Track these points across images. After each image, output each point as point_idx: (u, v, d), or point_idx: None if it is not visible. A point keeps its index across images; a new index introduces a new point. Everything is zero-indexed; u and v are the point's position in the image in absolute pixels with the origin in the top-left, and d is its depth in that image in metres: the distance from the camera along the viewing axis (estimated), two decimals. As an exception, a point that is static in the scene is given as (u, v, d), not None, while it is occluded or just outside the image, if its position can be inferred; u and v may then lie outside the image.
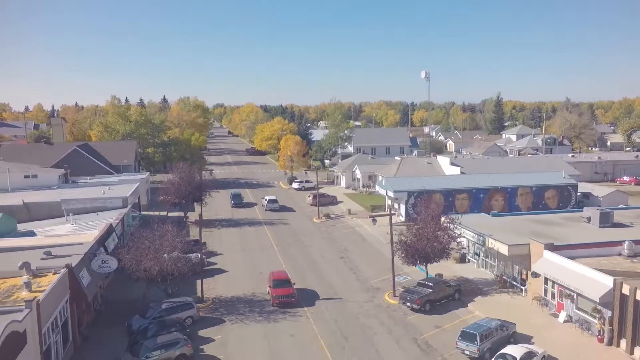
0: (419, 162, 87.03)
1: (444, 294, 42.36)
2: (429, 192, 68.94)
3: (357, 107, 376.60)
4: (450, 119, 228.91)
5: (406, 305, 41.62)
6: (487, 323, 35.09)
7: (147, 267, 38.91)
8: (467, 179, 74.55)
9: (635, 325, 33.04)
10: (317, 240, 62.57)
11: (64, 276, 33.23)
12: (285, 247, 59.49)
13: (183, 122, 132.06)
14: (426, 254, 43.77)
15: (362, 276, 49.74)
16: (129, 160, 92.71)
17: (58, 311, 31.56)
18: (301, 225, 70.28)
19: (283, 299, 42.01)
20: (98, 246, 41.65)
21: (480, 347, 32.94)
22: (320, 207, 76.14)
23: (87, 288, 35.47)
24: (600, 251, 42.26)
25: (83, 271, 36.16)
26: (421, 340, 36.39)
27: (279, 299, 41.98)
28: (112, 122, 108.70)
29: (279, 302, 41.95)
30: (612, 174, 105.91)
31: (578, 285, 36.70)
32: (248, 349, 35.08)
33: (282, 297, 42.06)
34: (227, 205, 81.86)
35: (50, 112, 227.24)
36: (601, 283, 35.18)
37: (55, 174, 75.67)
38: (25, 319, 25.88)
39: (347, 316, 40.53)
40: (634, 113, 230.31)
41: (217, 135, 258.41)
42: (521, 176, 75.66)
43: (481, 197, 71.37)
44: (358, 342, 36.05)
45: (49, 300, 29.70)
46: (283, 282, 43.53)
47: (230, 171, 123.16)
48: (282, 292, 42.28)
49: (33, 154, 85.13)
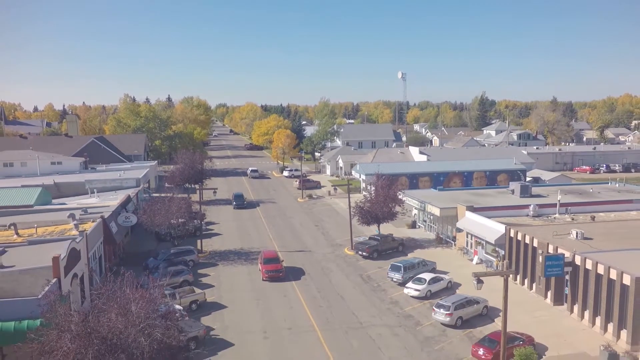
0: (393, 152, 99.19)
1: (388, 246, 54.52)
2: (396, 175, 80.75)
3: (355, 106, 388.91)
4: (439, 117, 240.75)
5: (359, 254, 53.84)
6: (411, 260, 47.34)
7: (159, 222, 51.22)
8: (430, 164, 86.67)
9: (518, 258, 45.04)
10: (299, 214, 74.80)
11: (99, 224, 45.48)
12: (271, 219, 71.72)
13: (186, 118, 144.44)
14: (376, 216, 55.91)
15: (330, 237, 61.96)
16: (139, 151, 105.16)
17: (96, 247, 43.79)
18: (287, 203, 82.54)
19: (272, 273, 46.41)
20: (121, 208, 53.99)
21: (403, 275, 45.11)
22: (305, 190, 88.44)
23: (115, 235, 47.77)
24: (513, 212, 54.16)
25: (112, 223, 48.44)
26: (365, 275, 48.57)
27: (268, 274, 46.42)
28: (124, 117, 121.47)
29: (268, 276, 46.35)
30: (572, 164, 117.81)
31: (484, 233, 48.80)
32: (234, 279, 47.32)
33: (272, 272, 46.43)
34: (224, 188, 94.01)
35: (61, 112, 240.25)
36: (497, 230, 47.27)
37: (77, 162, 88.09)
38: (80, 242, 38.13)
39: (313, 261, 52.75)
40: (615, 111, 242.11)
41: (220, 134, 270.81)
42: (477, 162, 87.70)
43: (441, 179, 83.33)
44: (317, 275, 48.28)
45: (92, 235, 41.96)
46: (272, 260, 48.01)
47: (229, 163, 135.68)
48: (271, 267, 46.84)
49: (56, 145, 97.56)
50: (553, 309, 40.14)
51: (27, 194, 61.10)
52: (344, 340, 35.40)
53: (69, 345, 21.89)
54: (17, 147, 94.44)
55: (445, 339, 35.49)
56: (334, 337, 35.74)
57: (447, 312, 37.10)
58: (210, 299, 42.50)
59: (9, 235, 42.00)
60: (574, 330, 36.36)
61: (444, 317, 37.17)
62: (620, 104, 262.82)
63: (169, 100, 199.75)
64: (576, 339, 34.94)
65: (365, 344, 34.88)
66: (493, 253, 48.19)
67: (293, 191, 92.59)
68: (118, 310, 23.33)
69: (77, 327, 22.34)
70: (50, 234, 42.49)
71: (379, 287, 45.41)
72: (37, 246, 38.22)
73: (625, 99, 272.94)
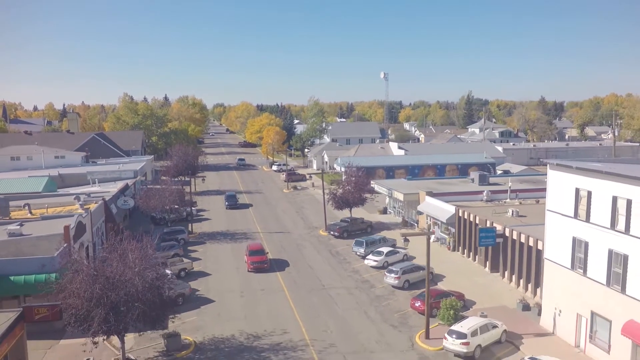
0: (374, 147, 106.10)
1: (357, 227, 61.38)
2: (373, 167, 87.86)
3: (350, 105, 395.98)
4: (430, 116, 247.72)
5: (331, 234, 60.70)
6: (373, 237, 54.31)
7: (154, 205, 58.01)
8: (406, 158, 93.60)
9: (465, 234, 51.87)
10: (282, 202, 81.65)
11: (101, 205, 52.24)
12: (257, 207, 78.53)
13: (182, 116, 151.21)
14: (348, 201, 62.75)
15: (308, 221, 68.80)
16: (136, 146, 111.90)
17: (98, 224, 50.55)
18: (273, 194, 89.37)
19: (257, 264, 48.44)
20: (120, 193, 60.77)
21: (365, 250, 51.95)
22: (291, 182, 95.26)
23: (115, 215, 54.53)
24: (469, 197, 60.89)
25: (112, 205, 55.22)
26: (334, 251, 55.44)
27: (253, 265, 48.44)
28: (123, 114, 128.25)
29: (253, 267, 48.30)
30: (545, 159, 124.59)
31: (438, 214, 55.63)
32: (219, 254, 54.16)
33: (257, 264, 48.43)
34: (216, 181, 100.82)
35: (61, 111, 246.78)
36: (448, 210, 54.13)
37: (79, 156, 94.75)
38: (86, 217, 44.90)
39: (290, 240, 59.60)
40: (600, 111, 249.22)
41: (216, 133, 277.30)
42: (451, 156, 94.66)
43: (416, 172, 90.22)
44: (292, 251, 55.16)
45: (95, 213, 48.73)
46: (258, 252, 49.95)
47: (222, 159, 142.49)
48: (256, 259, 48.90)
49: (59, 141, 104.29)
50: (490, 275, 47.03)
51: (35, 183, 67.83)
52: (306, 298, 42.23)
53: (81, 283, 28.61)
54: (23, 142, 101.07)
55: (393, 297, 42.34)
56: (298, 296, 42.56)
57: (396, 276, 43.96)
58: (197, 268, 49.33)
59: (24, 213, 48.74)
60: (502, 291, 43.26)
61: (393, 280, 44.04)
62: (606, 103, 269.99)
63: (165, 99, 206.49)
64: (501, 297, 41.83)
65: (324, 300, 41.72)
66: (446, 231, 55.05)
67: (280, 183, 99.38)
68: (119, 257, 30.06)
69: (87, 269, 29.07)
70: (59, 213, 49.23)
71: (345, 260, 52.26)
72: (49, 221, 44.91)
73: (611, 99, 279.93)
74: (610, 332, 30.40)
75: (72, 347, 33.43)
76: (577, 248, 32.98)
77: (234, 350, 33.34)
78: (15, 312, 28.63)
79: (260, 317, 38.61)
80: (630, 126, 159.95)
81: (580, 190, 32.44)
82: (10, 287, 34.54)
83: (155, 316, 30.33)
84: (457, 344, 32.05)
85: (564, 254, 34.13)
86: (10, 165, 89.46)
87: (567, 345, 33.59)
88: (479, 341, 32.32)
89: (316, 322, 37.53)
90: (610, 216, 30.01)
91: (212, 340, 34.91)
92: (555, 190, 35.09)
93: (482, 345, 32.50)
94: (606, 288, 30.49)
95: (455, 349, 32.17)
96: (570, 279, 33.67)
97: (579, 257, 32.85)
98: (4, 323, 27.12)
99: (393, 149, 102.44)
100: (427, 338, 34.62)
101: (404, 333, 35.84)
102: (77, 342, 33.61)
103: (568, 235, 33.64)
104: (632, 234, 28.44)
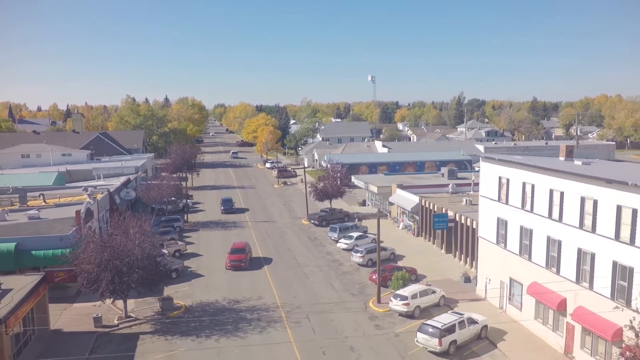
0: (361, 146, 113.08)
1: (335, 217, 68.38)
2: (357, 164, 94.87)
3: (348, 105, 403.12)
4: (424, 116, 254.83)
5: (311, 222, 67.74)
6: (346, 223, 61.32)
7: (153, 196, 65.11)
8: (388, 155, 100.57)
9: (426, 221, 58.78)
10: (272, 196, 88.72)
11: (106, 195, 59.33)
12: (248, 200, 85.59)
13: (181, 117, 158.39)
14: (327, 193, 69.77)
15: (293, 212, 75.85)
16: (138, 145, 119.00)
17: (104, 211, 57.61)
18: (264, 188, 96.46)
19: (234, 263, 50.06)
20: (123, 186, 67.88)
21: (338, 234, 58.93)
22: (282, 178, 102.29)
23: (119, 205, 61.58)
24: (437, 190, 67.67)
25: (116, 196, 62.30)
26: (312, 236, 62.46)
27: (231, 263, 50.08)
28: (126, 115, 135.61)
29: (230, 265, 50.00)
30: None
31: (405, 204, 62.59)
32: (210, 239, 61.23)
33: (234, 262, 50.06)
34: (212, 177, 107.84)
35: (65, 111, 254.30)
36: (413, 200, 61.08)
37: (84, 153, 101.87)
38: (94, 205, 51.99)
39: (275, 228, 66.63)
40: (589, 111, 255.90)
41: (217, 133, 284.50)
42: (430, 153, 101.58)
43: (397, 168, 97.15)
44: (275, 236, 62.22)
45: (101, 202, 55.81)
46: (238, 251, 51.33)
47: (219, 157, 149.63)
48: (234, 257, 50.47)
49: (65, 139, 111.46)
50: (444, 255, 54.00)
51: (45, 177, 75.00)
52: (283, 273, 49.26)
53: (92, 252, 35.68)
54: (32, 141, 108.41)
55: (357, 273, 49.32)
56: (276, 272, 49.60)
57: (361, 255, 50.94)
58: (190, 250, 56.41)
59: (39, 202, 55.83)
60: (451, 267, 50.22)
61: (359, 258, 51.02)
62: (596, 104, 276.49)
63: (166, 101, 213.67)
64: (449, 272, 48.78)
65: (298, 275, 48.75)
66: (411, 219, 62.02)
67: (272, 179, 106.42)
68: (122, 232, 37.12)
69: (98, 240, 36.18)
70: (70, 202, 56.33)
71: (320, 244, 59.29)
72: (61, 208, 52.01)
73: (601, 99, 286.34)
74: (522, 293, 37.35)
75: (83, 309, 40.48)
76: (500, 226, 39.95)
77: (217, 311, 40.35)
78: (39, 275, 35.69)
79: (241, 287, 45.63)
80: (610, 126, 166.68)
81: (502, 178, 39.41)
82: (32, 259, 41.53)
83: (152, 281, 37.40)
84: (399, 305, 39.01)
85: (491, 231, 41.10)
86: (21, 162, 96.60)
87: (493, 307, 40.53)
88: (417, 303, 39.26)
89: (288, 291, 44.54)
90: (521, 199, 37.00)
91: (200, 304, 41.94)
92: (485, 178, 42.04)
93: (420, 306, 39.42)
94: (519, 257, 37.48)
95: (398, 309, 39.14)
96: (495, 252, 40.63)
97: (501, 234, 39.82)
98: (31, 283, 34.16)
99: (378, 147, 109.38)
100: (378, 302, 41.57)
101: (360, 299, 42.80)
102: (87, 305, 40.79)
103: (494, 215, 40.61)
104: (535, 212, 35.41)
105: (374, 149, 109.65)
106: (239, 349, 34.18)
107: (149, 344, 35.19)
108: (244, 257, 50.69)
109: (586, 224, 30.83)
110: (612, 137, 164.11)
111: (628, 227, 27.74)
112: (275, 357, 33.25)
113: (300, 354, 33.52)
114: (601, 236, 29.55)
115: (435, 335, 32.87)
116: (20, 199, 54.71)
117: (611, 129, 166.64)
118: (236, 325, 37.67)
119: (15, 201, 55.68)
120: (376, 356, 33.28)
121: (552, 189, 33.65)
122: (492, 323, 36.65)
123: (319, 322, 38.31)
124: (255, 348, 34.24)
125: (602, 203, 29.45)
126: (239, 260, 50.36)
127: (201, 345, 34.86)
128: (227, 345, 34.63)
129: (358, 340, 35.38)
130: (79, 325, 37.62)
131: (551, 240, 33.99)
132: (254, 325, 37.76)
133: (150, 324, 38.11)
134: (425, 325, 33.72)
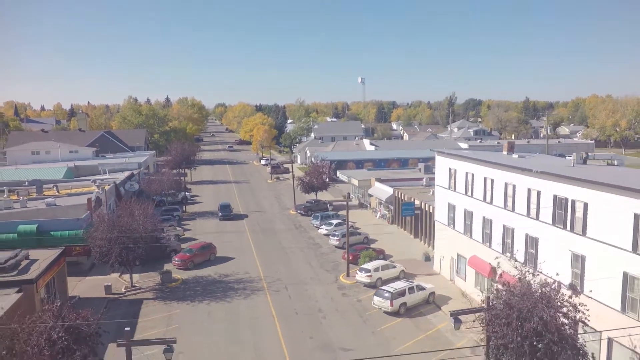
0: (350, 144, 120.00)
1: (319, 207, 75.33)
2: (345, 161, 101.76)
3: (346, 105, 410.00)
4: (418, 116, 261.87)
5: (298, 212, 74.75)
6: (328, 212, 68.25)
7: (154, 189, 72.14)
8: (374, 152, 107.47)
9: (398, 211, 65.66)
10: (264, 190, 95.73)
11: (112, 186, 66.32)
12: (242, 193, 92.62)
13: (182, 116, 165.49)
14: (313, 186, 76.77)
15: (283, 204, 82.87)
16: (140, 143, 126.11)
17: (111, 200, 64.58)
18: (258, 183, 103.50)
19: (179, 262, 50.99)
20: (127, 179, 74.93)
21: (320, 222, 65.88)
22: (275, 174, 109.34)
23: (124, 195, 68.58)
24: (412, 183, 74.51)
25: (121, 188, 69.31)
26: (297, 224, 69.45)
27: (177, 262, 51.07)
28: (128, 115, 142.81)
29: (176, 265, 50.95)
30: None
31: (381, 195, 69.51)
32: (205, 226, 68.26)
33: (179, 261, 51.03)
34: (210, 173, 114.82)
35: (69, 111, 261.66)
36: (388, 191, 68.00)
37: (90, 151, 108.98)
38: (102, 194, 59.01)
39: (265, 218, 73.63)
40: (579, 111, 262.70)
41: (217, 132, 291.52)
42: (414, 151, 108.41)
43: (382, 164, 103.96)
44: (264, 224, 69.25)
45: (109, 192, 62.81)
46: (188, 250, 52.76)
47: (218, 155, 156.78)
48: (181, 257, 51.65)
49: (72, 138, 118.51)
50: (412, 240, 60.91)
51: (56, 172, 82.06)
52: (268, 254, 56.24)
53: (104, 230, 42.70)
54: (40, 139, 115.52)
55: (333, 254, 56.23)
56: (262, 253, 56.58)
57: (337, 238, 57.87)
58: (187, 235, 63.40)
59: (53, 192, 62.83)
60: (416, 249, 57.06)
61: (335, 241, 57.95)
62: (588, 103, 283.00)
63: (167, 101, 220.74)
64: (414, 253, 55.63)
65: (281, 255, 55.73)
66: (387, 209, 68.95)
67: (265, 175, 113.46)
68: (128, 214, 44.14)
69: (108, 220, 43.21)
70: (81, 192, 63.33)
71: (304, 230, 66.28)
72: (74, 197, 58.99)
73: (591, 99, 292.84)
74: (465, 266, 44.26)
75: (95, 281, 47.49)
76: (450, 210, 46.85)
77: (209, 283, 47.32)
78: (60, 249, 42.64)
79: (230, 265, 52.62)
80: (593, 125, 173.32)
81: (451, 169, 46.32)
82: (51, 239, 48.50)
83: (153, 256, 44.40)
84: (363, 277, 45.94)
85: (444, 215, 48.01)
86: (31, 158, 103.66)
87: (445, 280, 47.43)
88: (379, 275, 46.16)
89: (271, 267, 51.51)
90: (464, 186, 43.91)
91: (194, 277, 48.93)
92: (439, 170, 48.95)
93: (382, 278, 46.27)
94: (463, 236, 44.40)
95: (362, 280, 46.05)
96: (447, 233, 47.53)
97: (451, 217, 46.73)
98: (54, 253, 41.12)
99: (366, 145, 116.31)
100: (347, 276, 48.48)
101: (332, 274, 49.73)
102: (98, 278, 47.79)
103: (445, 201, 47.54)
104: (475, 197, 42.33)
105: (362, 146, 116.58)
106: (226, 309, 41.18)
107: (151, 307, 42.19)
108: (188, 257, 51.60)
109: (508, 204, 37.77)
110: (597, 137, 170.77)
111: (534, 206, 34.66)
112: (255, 315, 40.21)
113: (277, 312, 40.50)
114: (518, 214, 36.49)
115: (388, 297, 39.78)
116: (37, 189, 61.70)
117: (594, 129, 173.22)
118: (225, 293, 44.67)
119: (32, 192, 62.67)
120: (340, 315, 40.22)
121: (485, 177, 40.59)
122: (441, 292, 43.59)
123: (295, 291, 45.24)
124: (239, 309, 41.22)
125: (518, 187, 36.38)
126: (183, 259, 51.38)
127: (195, 307, 41.83)
128: (216, 308, 41.61)
129: (326, 304, 42.33)
130: (92, 293, 44.61)
131: (485, 219, 40.92)
132: (240, 293, 44.74)
133: (152, 292, 45.13)
134: (381, 290, 40.66)
